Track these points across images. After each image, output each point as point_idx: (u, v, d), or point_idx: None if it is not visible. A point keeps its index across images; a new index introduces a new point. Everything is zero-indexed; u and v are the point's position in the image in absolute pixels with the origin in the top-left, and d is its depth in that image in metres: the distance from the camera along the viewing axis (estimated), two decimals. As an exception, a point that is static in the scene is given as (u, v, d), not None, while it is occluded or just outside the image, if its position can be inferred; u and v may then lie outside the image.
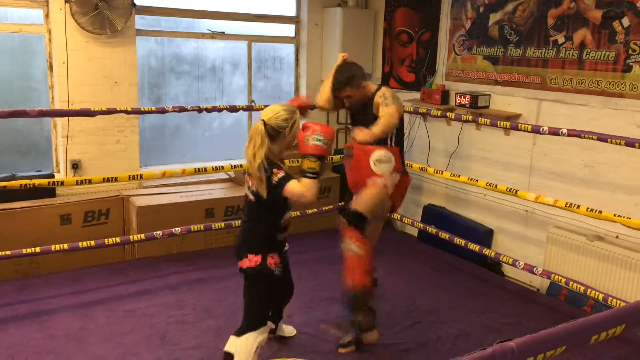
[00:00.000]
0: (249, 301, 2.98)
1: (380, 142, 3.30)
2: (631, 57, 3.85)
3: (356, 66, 3.51)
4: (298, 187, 2.68)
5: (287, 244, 3.08)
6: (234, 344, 2.92)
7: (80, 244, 4.12)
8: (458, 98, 4.89)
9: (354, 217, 3.34)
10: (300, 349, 3.50)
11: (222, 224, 4.65)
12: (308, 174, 2.71)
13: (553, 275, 3.98)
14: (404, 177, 3.49)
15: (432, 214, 5.41)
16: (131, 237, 4.44)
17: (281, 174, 2.72)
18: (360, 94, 3.44)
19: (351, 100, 3.47)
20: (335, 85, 3.46)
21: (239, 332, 2.93)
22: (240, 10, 5.68)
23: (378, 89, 3.43)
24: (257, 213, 2.90)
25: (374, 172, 3.26)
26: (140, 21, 5.13)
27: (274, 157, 2.81)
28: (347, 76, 3.42)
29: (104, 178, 4.28)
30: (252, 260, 2.87)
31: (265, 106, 4.51)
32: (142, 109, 4.50)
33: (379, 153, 3.28)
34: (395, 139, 3.40)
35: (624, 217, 3.63)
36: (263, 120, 2.80)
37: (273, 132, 2.79)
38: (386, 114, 3.29)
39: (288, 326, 3.64)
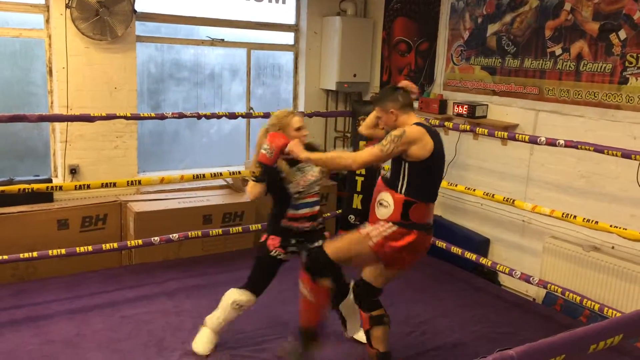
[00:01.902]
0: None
1: (390, 184, 2.98)
2: (628, 70, 3.89)
3: (394, 91, 3.05)
4: (249, 187, 3.19)
5: (318, 242, 3.32)
6: None
7: (77, 249, 4.12)
8: (456, 108, 4.92)
9: (315, 259, 3.12)
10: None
11: (220, 231, 4.65)
12: (252, 178, 3.15)
13: (549, 285, 4.00)
14: (421, 233, 2.99)
15: (429, 222, 5.42)
16: (128, 242, 4.44)
17: (257, 172, 3.15)
18: (390, 121, 3.02)
19: (382, 124, 3.10)
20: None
21: (239, 287, 3.38)
22: (240, 18, 5.70)
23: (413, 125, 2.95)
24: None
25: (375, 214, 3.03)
26: (141, 27, 5.15)
27: None
28: (377, 96, 3.15)
29: (102, 183, 4.30)
30: (262, 237, 3.37)
31: (265, 113, 4.55)
32: (142, 115, 4.52)
33: (382, 195, 3.00)
34: (409, 186, 2.92)
35: (620, 227, 3.67)
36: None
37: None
38: (364, 150, 3.00)
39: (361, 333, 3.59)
